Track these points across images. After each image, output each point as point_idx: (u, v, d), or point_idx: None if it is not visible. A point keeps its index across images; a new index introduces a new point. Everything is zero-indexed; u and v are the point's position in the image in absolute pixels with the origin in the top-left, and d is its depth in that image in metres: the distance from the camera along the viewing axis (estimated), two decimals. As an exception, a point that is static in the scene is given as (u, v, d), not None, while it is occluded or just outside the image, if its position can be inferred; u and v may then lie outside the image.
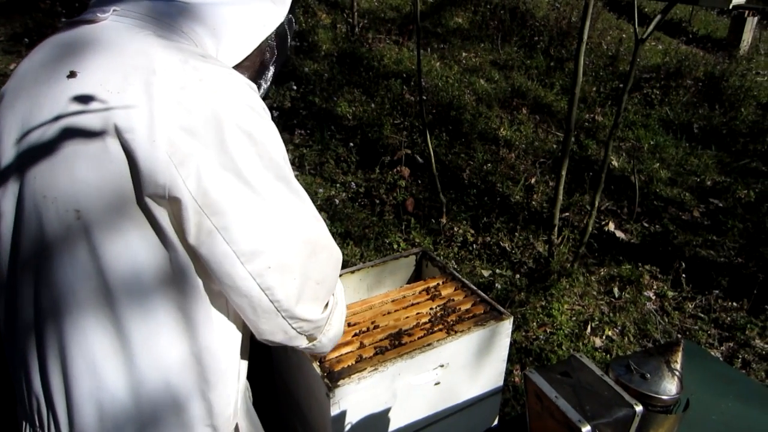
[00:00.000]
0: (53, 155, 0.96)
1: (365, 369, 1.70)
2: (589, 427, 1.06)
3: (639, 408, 1.12)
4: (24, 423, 1.15)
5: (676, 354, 1.26)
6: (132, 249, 0.98)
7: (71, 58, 1.01)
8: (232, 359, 1.17)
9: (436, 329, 1.92)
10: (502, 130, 5.98)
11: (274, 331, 1.14)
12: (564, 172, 3.80)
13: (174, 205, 0.96)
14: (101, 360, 1.01)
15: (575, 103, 3.56)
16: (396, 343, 1.84)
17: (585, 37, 3.41)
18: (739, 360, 3.48)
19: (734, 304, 3.94)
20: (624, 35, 8.87)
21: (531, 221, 4.62)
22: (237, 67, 1.14)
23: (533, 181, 5.15)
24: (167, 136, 0.93)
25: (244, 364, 1.27)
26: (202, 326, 1.07)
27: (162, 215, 0.97)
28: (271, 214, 1.03)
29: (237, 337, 1.19)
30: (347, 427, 1.71)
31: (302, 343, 1.23)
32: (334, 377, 1.66)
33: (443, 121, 5.92)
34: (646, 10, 11.15)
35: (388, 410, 1.80)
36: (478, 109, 6.25)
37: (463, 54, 7.70)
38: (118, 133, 0.93)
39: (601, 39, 8.50)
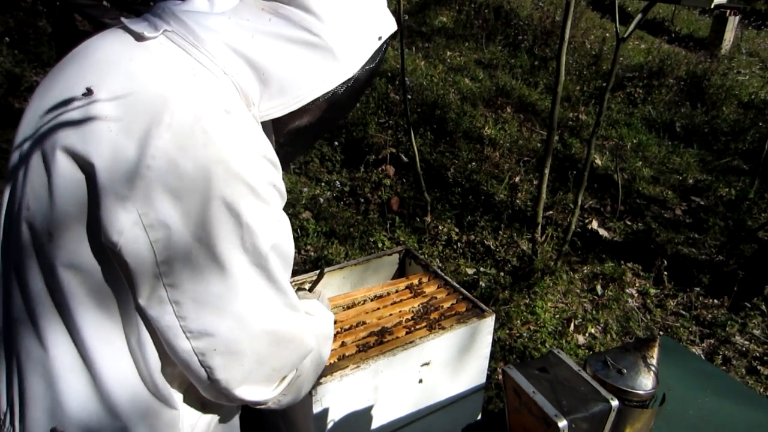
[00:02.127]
0: (40, 169, 0.95)
1: (348, 366, 1.70)
2: (565, 422, 1.08)
3: (615, 403, 1.14)
4: None
5: (652, 350, 1.28)
6: (97, 284, 0.95)
7: (94, 74, 0.97)
8: (196, 406, 1.13)
9: (418, 327, 1.93)
10: (486, 128, 6.01)
11: (213, 397, 1.08)
12: (547, 171, 3.82)
13: (123, 263, 0.92)
14: (61, 383, 1.00)
15: (558, 101, 3.59)
16: (378, 341, 1.85)
17: (567, 36, 3.43)
18: (720, 357, 3.52)
19: (715, 301, 3.98)
20: (607, 34, 8.94)
21: (515, 220, 4.64)
22: (280, 120, 1.09)
23: (517, 179, 5.18)
24: (145, 194, 0.88)
25: (216, 408, 1.21)
26: (164, 377, 1.04)
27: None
28: (232, 298, 0.96)
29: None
30: (330, 425, 1.72)
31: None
32: (316, 375, 1.66)
33: (428, 120, 5.94)
34: (629, 9, 11.24)
35: (370, 408, 1.80)
36: (463, 108, 6.27)
37: (448, 53, 7.72)
38: (94, 174, 0.89)
39: (584, 38, 8.56)
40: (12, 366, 1.04)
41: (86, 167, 0.90)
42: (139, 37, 0.99)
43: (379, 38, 1.11)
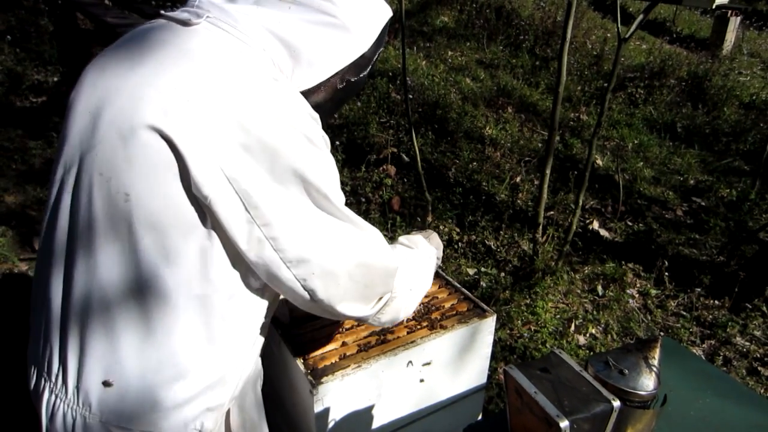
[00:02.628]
0: (116, 140, 1.05)
1: (349, 366, 1.70)
2: (567, 422, 1.07)
3: (617, 403, 1.14)
4: (33, 366, 1.24)
5: (653, 350, 1.27)
6: (169, 239, 1.06)
7: (155, 55, 1.09)
8: (242, 356, 1.27)
9: (419, 327, 1.93)
10: (487, 128, 6.01)
11: (318, 313, 1.27)
12: (548, 171, 3.82)
13: (213, 213, 1.05)
14: (121, 339, 1.10)
15: (559, 102, 3.59)
16: (380, 341, 1.85)
17: (568, 36, 3.43)
18: (720, 357, 3.52)
19: (716, 302, 3.98)
20: (609, 35, 8.93)
21: (516, 220, 4.64)
22: (308, 91, 1.24)
23: (518, 179, 5.18)
24: (223, 152, 1.02)
25: (254, 359, 1.36)
26: (220, 326, 1.17)
27: (204, 217, 1.06)
28: (316, 227, 1.12)
29: (253, 334, 1.28)
30: (331, 424, 1.72)
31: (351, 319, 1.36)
32: (317, 374, 1.66)
33: (429, 120, 5.94)
34: (630, 9, 11.23)
35: (371, 407, 1.80)
36: (464, 108, 6.27)
37: (449, 53, 7.72)
38: (176, 140, 1.01)
39: (585, 38, 8.56)
40: (69, 330, 1.14)
41: (167, 137, 1.02)
42: (185, 24, 1.14)
43: (382, 19, 1.32)
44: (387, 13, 1.34)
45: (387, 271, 1.31)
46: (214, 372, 1.20)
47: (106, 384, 1.13)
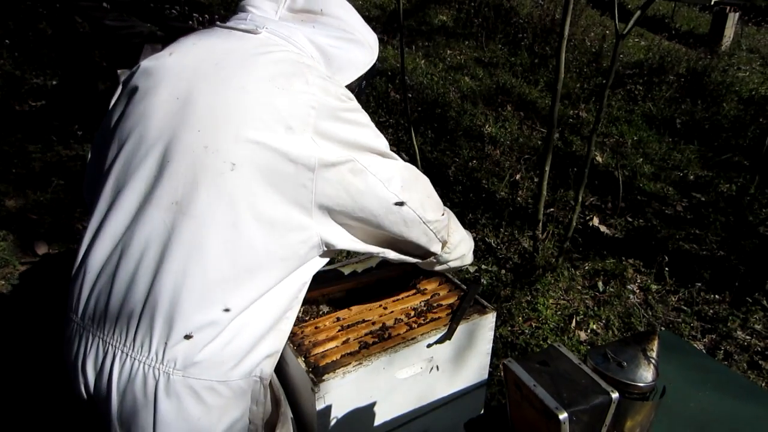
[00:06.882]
0: (220, 120, 1.26)
1: (350, 363, 1.71)
2: (566, 414, 1.08)
3: (615, 395, 1.14)
4: (90, 344, 1.32)
5: (652, 342, 1.28)
6: (264, 205, 1.26)
7: (236, 52, 1.35)
8: (294, 305, 1.46)
9: (420, 324, 1.93)
10: (487, 127, 6.01)
11: (419, 236, 1.59)
12: (547, 168, 3.83)
13: (317, 166, 1.29)
14: (215, 297, 1.25)
15: (558, 99, 3.59)
16: (381, 338, 1.86)
17: (566, 33, 3.44)
18: (722, 351, 3.52)
19: (716, 296, 3.98)
20: (608, 31, 8.93)
21: (516, 217, 4.65)
22: None
23: (518, 177, 5.18)
24: (314, 126, 1.29)
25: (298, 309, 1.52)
26: (289, 283, 1.39)
27: (303, 188, 1.29)
28: (389, 157, 1.47)
29: (302, 289, 1.48)
30: (333, 422, 1.72)
31: (438, 248, 1.70)
32: (319, 372, 1.67)
33: (428, 119, 5.94)
34: (629, 6, 11.23)
35: (373, 404, 1.81)
36: (463, 107, 6.28)
37: (448, 52, 7.73)
38: (275, 118, 1.25)
39: (584, 35, 8.56)
40: (159, 291, 1.24)
41: (267, 120, 1.26)
42: (250, 32, 1.40)
43: (375, 37, 1.64)
44: (374, 35, 1.66)
45: (428, 181, 1.65)
46: (275, 320, 1.39)
47: (187, 337, 1.23)
